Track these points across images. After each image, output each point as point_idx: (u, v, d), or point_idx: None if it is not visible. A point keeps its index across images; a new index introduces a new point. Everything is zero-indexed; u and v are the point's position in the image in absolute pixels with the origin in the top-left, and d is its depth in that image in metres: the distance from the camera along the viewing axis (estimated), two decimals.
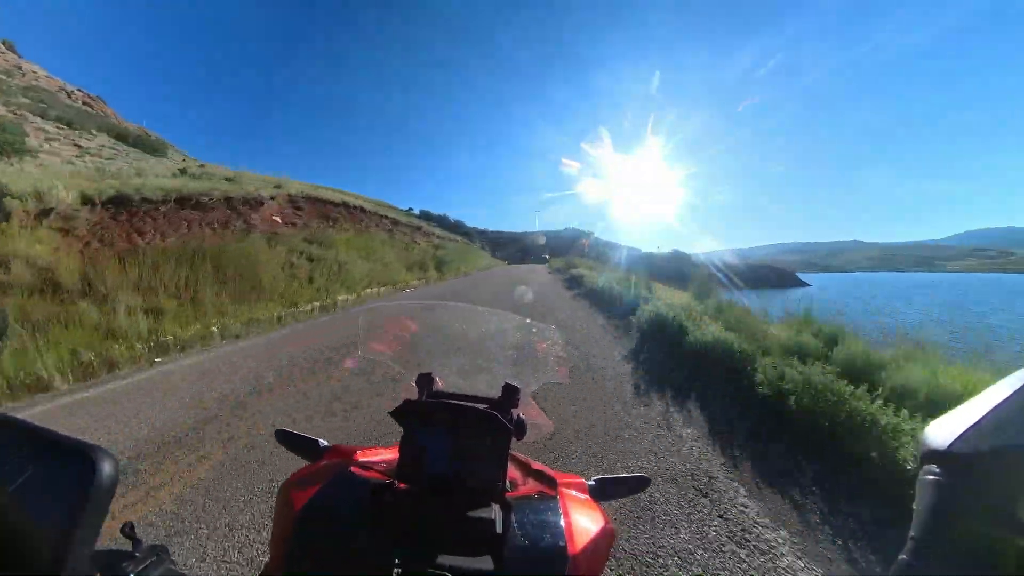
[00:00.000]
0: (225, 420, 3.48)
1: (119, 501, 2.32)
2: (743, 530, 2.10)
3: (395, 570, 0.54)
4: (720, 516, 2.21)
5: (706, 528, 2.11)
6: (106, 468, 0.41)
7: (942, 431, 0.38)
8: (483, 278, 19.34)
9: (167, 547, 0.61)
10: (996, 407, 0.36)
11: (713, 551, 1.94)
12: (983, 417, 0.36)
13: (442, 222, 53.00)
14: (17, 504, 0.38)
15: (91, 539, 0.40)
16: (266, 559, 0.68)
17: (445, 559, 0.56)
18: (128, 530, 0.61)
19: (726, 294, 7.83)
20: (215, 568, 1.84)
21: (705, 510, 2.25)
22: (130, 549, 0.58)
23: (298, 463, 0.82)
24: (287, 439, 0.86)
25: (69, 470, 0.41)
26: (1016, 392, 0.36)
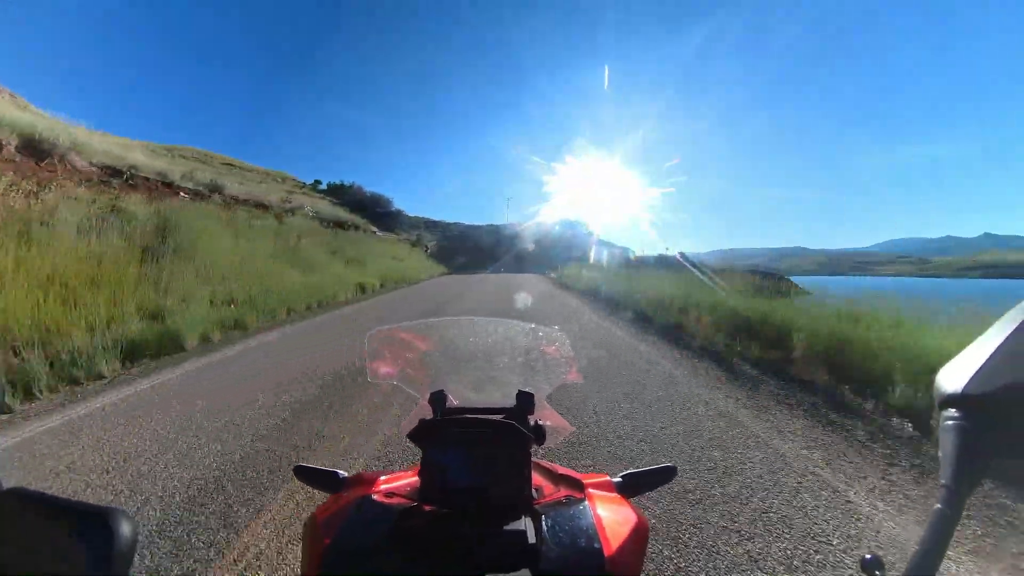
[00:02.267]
0: None
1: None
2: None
3: None
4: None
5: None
6: (124, 531, 0.39)
7: (954, 375, 0.38)
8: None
9: None
10: (1002, 344, 0.36)
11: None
12: (991, 356, 0.36)
13: (363, 204, 39.09)
14: None
15: None
16: None
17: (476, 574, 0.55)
18: None
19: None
20: None
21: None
22: None
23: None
24: (305, 475, 0.83)
25: (85, 538, 0.39)
26: (1019, 327, 0.36)
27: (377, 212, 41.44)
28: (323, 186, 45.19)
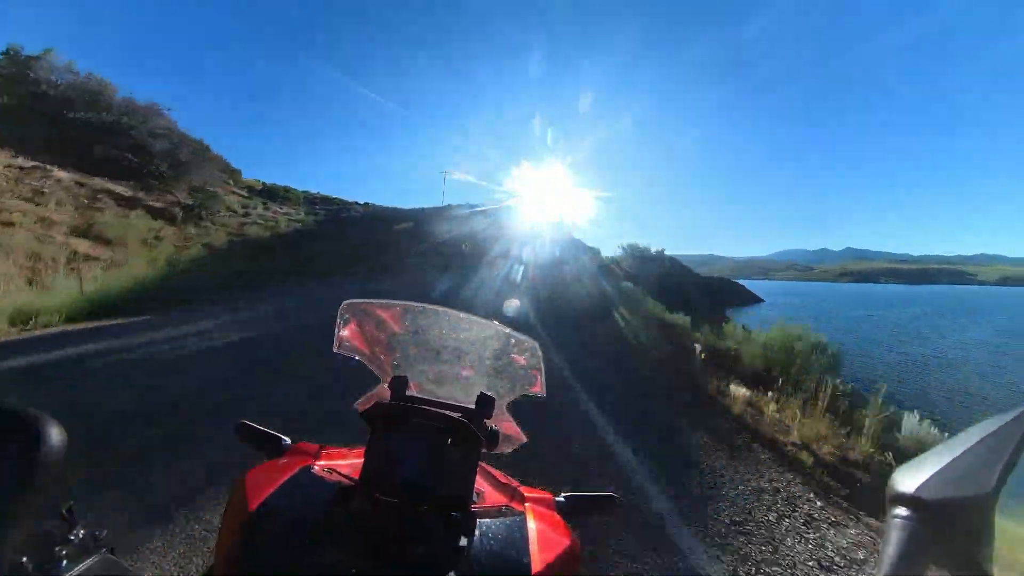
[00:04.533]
0: None
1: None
2: None
3: None
4: None
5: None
6: (52, 439, 0.39)
7: (909, 476, 0.39)
8: None
9: (107, 534, 0.53)
10: (958, 457, 0.37)
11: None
12: (947, 465, 0.37)
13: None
14: None
15: (27, 520, 0.38)
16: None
17: (404, 573, 0.55)
18: (67, 513, 0.52)
19: None
20: None
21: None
22: (67, 532, 0.50)
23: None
24: (248, 433, 0.81)
25: (7, 441, 0.38)
26: (977, 444, 0.37)
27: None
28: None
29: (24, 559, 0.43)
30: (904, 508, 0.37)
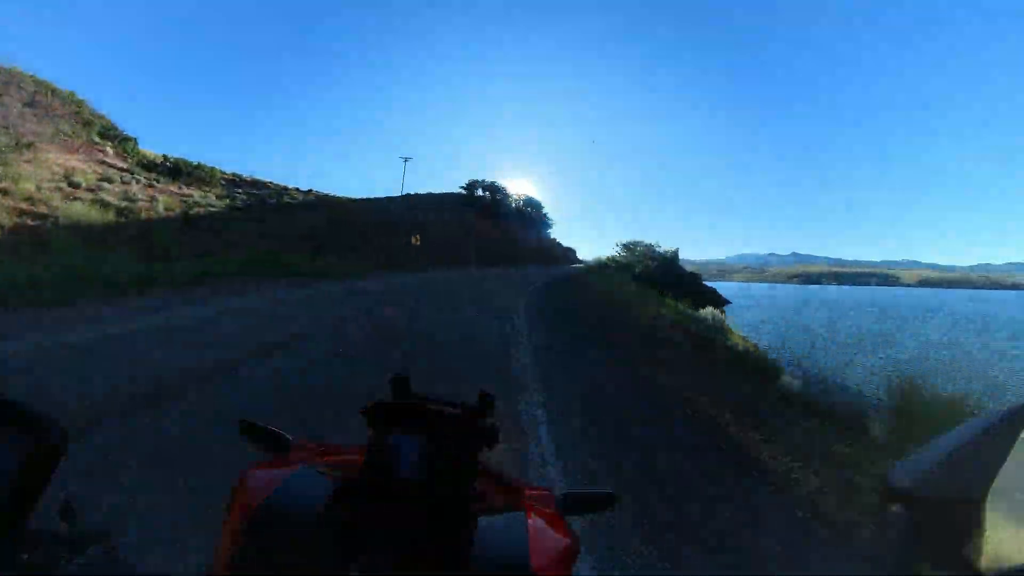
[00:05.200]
0: None
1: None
2: None
3: None
4: None
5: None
6: (51, 434, 0.39)
7: (906, 472, 0.40)
8: None
9: (110, 532, 0.52)
10: (950, 455, 0.38)
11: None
12: (939, 463, 0.39)
13: None
14: None
15: (27, 515, 0.38)
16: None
17: (404, 570, 0.56)
18: (66, 510, 0.51)
19: None
20: None
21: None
22: (66, 528, 0.49)
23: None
24: (250, 431, 0.80)
25: (6, 436, 0.38)
26: (967, 443, 0.38)
27: None
28: None
29: (25, 556, 0.43)
30: (898, 504, 0.39)
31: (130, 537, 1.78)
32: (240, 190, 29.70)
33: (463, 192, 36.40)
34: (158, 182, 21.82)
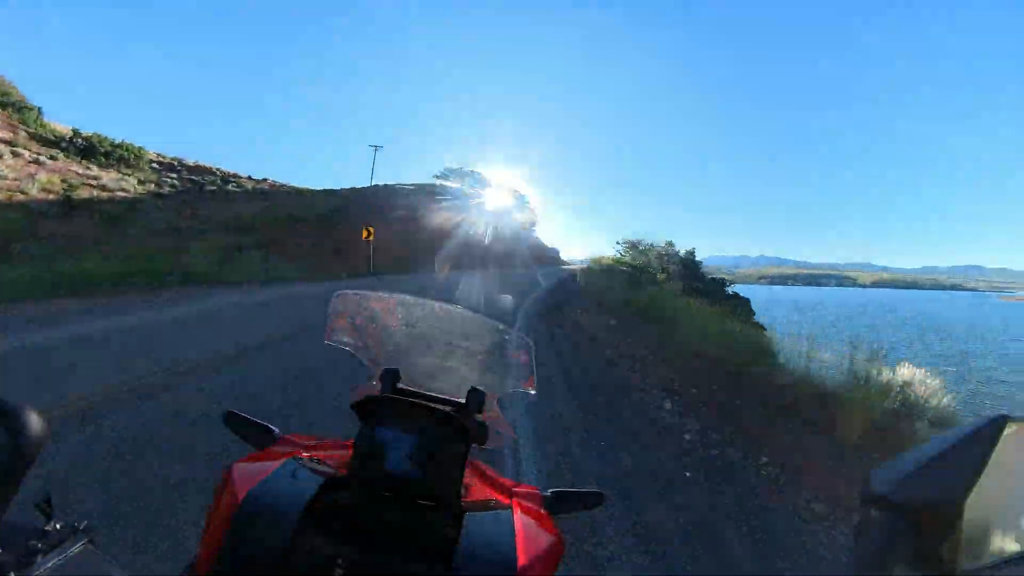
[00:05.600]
0: None
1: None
2: None
3: (337, 571, 0.54)
4: None
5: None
6: (28, 429, 0.38)
7: (884, 477, 0.39)
8: None
9: (91, 526, 0.51)
10: (931, 460, 0.38)
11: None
12: (919, 468, 0.38)
13: None
14: None
15: (4, 511, 0.38)
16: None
17: (391, 565, 0.55)
18: (45, 503, 0.50)
19: None
20: None
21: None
22: (44, 524, 0.48)
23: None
24: (236, 423, 0.80)
25: None
26: (950, 448, 0.38)
27: None
28: None
29: (1, 550, 0.43)
30: (877, 508, 0.39)
31: None
32: (174, 175, 25.65)
33: (435, 182, 33.24)
34: (54, 159, 17.90)
